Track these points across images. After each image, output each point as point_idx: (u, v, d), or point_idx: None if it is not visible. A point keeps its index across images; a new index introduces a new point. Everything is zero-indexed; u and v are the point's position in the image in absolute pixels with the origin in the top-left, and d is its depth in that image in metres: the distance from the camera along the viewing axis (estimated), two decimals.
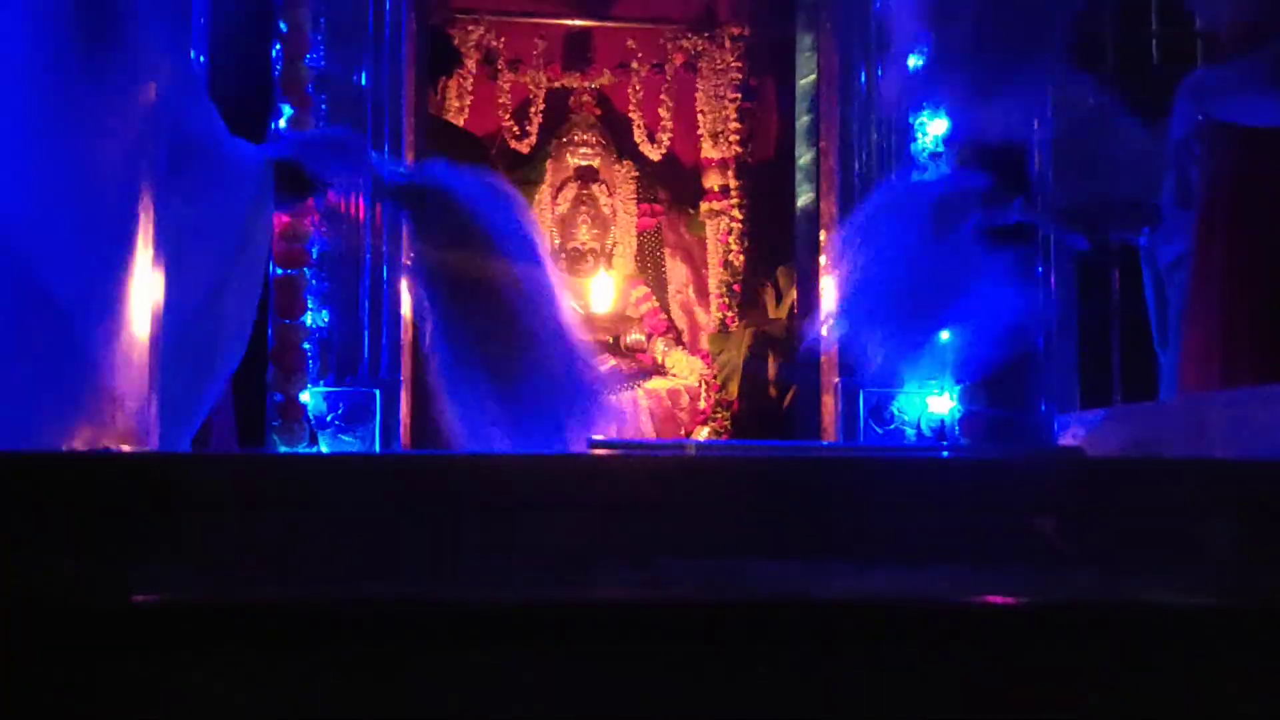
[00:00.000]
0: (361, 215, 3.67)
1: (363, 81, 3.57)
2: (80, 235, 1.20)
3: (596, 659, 0.87)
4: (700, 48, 5.64)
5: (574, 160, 5.69)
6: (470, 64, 5.48)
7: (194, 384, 2.06)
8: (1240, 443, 1.22)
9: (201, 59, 2.60)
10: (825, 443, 3.91)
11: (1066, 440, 1.65)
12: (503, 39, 5.52)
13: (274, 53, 3.42)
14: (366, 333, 3.66)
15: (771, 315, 5.20)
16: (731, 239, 5.57)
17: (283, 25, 3.42)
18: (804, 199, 4.35)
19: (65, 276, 1.15)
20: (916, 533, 0.90)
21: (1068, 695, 0.88)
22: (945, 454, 1.94)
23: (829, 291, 2.89)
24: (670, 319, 5.64)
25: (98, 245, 1.24)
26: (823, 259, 4.13)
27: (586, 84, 5.68)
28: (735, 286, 5.55)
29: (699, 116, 5.63)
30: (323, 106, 3.50)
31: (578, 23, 5.64)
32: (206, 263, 2.00)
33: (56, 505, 0.84)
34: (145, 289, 1.28)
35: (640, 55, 5.69)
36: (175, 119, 1.54)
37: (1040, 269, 3.73)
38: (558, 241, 5.60)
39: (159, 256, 1.34)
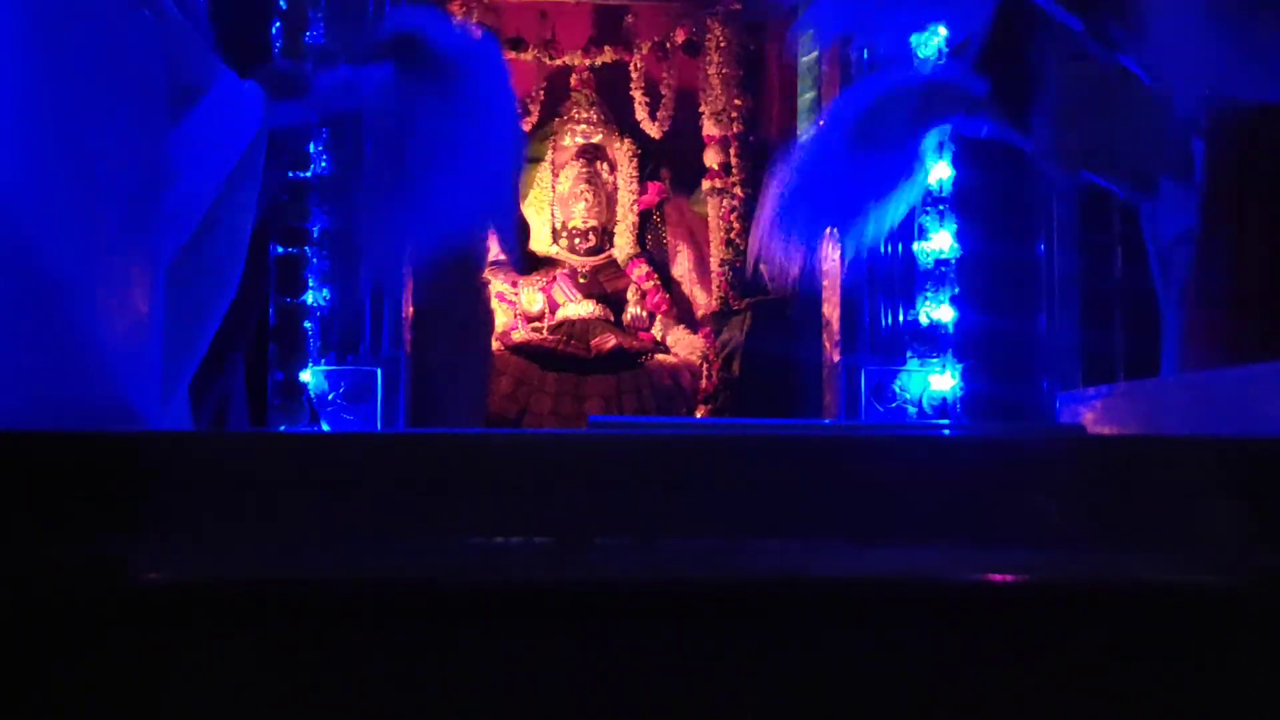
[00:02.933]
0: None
1: None
2: (76, 208, 1.20)
3: (596, 638, 0.87)
4: (702, 25, 5.60)
5: (575, 138, 5.67)
6: None
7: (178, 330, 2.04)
8: (1243, 420, 1.22)
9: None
10: (826, 421, 3.91)
11: (1068, 418, 1.65)
12: (503, 18, 5.49)
13: (273, 30, 3.41)
14: (368, 311, 3.65)
15: (772, 294, 5.19)
16: (733, 217, 5.56)
17: (282, 2, 3.41)
18: None
19: (61, 253, 1.14)
20: (917, 511, 0.90)
21: (1070, 673, 0.88)
22: (946, 432, 1.94)
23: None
24: (671, 297, 5.63)
25: (94, 219, 1.24)
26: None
27: (587, 62, 5.65)
28: (737, 264, 5.54)
29: (700, 94, 5.61)
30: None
31: (579, 0, 5.62)
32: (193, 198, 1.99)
33: (54, 485, 0.84)
34: (143, 265, 1.27)
35: (641, 33, 5.66)
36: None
37: (1042, 245, 3.72)
38: (560, 220, 5.58)
39: (157, 230, 1.34)
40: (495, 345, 4.96)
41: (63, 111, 1.19)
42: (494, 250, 4.72)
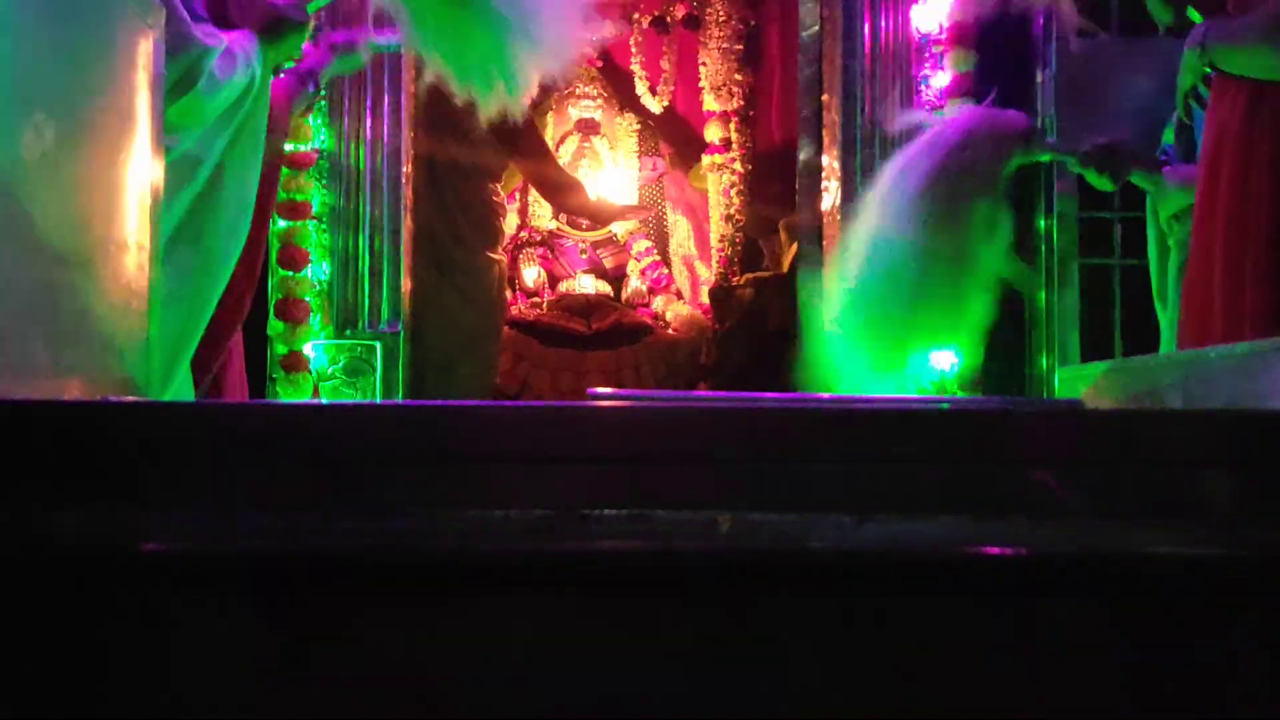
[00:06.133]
0: (362, 167, 3.66)
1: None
2: (72, 180, 1.20)
3: (594, 609, 0.87)
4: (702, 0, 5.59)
5: (575, 112, 5.65)
6: None
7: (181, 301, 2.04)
8: (1238, 395, 1.22)
9: None
10: (826, 395, 3.90)
11: (1066, 393, 1.65)
12: None
13: None
14: (368, 285, 3.65)
15: (773, 269, 5.18)
16: (733, 193, 5.55)
17: None
18: (806, 153, 4.33)
19: (57, 224, 1.14)
20: (916, 485, 0.90)
21: (1067, 644, 0.89)
22: (945, 406, 1.94)
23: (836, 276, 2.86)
24: (671, 272, 5.63)
25: (90, 192, 1.24)
26: (825, 204, 4.12)
27: (588, 36, 5.63)
28: (737, 240, 5.53)
29: (701, 69, 5.59)
30: None
31: None
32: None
33: (56, 454, 0.84)
34: (139, 235, 1.27)
35: (642, 7, 5.64)
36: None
37: (1043, 221, 3.72)
38: None
39: (154, 204, 1.34)
40: None
41: (60, 80, 1.19)
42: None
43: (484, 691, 0.86)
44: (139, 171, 1.35)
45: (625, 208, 5.48)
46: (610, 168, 5.66)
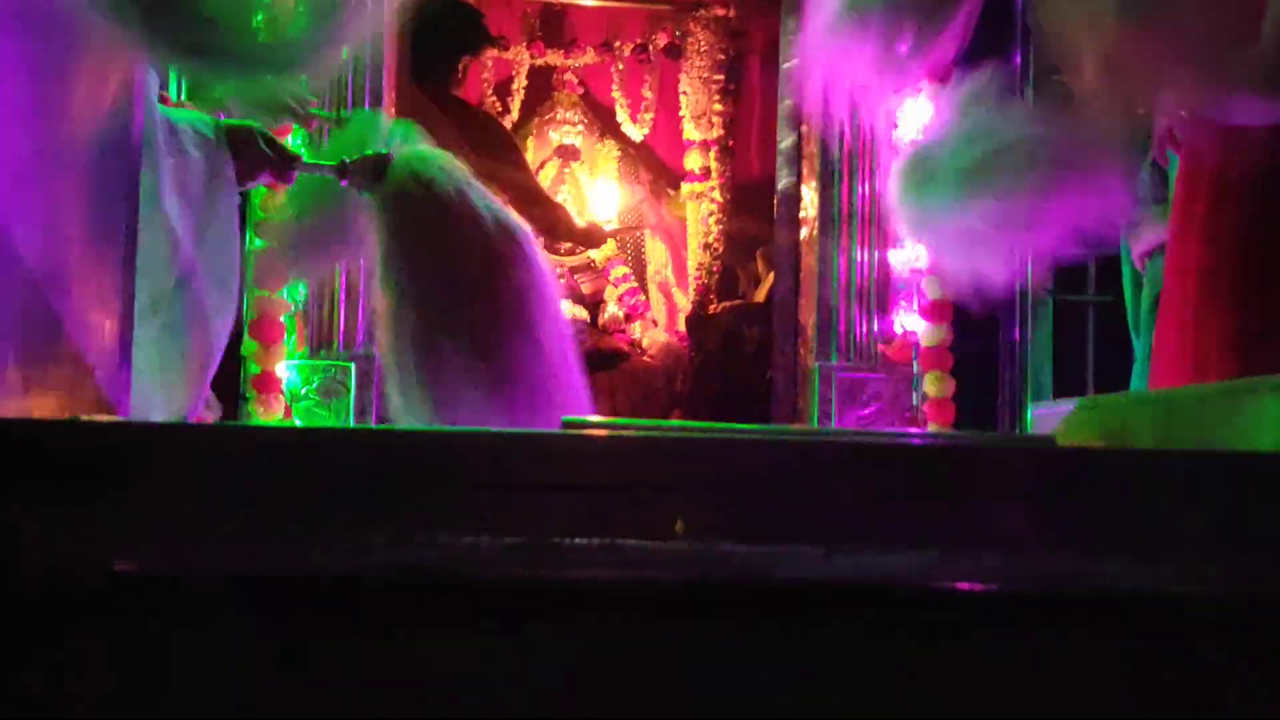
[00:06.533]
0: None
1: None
2: (51, 199, 1.19)
3: (564, 639, 0.87)
4: (684, 29, 5.61)
5: (556, 137, 5.67)
6: None
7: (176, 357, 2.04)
8: (1208, 434, 1.23)
9: None
10: (798, 427, 3.92)
11: (1039, 429, 1.66)
12: (488, 15, 5.48)
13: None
14: (343, 306, 3.65)
15: (750, 298, 5.20)
16: (712, 221, 5.57)
17: None
18: (784, 182, 4.36)
19: (34, 242, 1.14)
20: (887, 519, 0.90)
21: (1036, 680, 0.89)
22: (918, 441, 1.95)
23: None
24: (648, 299, 5.64)
25: (68, 210, 1.23)
26: (802, 233, 4.13)
27: (570, 62, 5.65)
28: (715, 268, 5.55)
29: (681, 98, 5.61)
30: None
31: (562, 0, 5.61)
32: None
33: (33, 472, 0.83)
34: (117, 255, 1.27)
35: (623, 35, 5.67)
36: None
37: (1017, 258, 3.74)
38: None
39: (133, 222, 1.33)
40: None
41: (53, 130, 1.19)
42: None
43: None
44: (117, 188, 1.35)
45: (619, 229, 5.50)
46: (590, 194, 5.68)
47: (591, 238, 5.26)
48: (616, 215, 5.71)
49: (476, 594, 0.86)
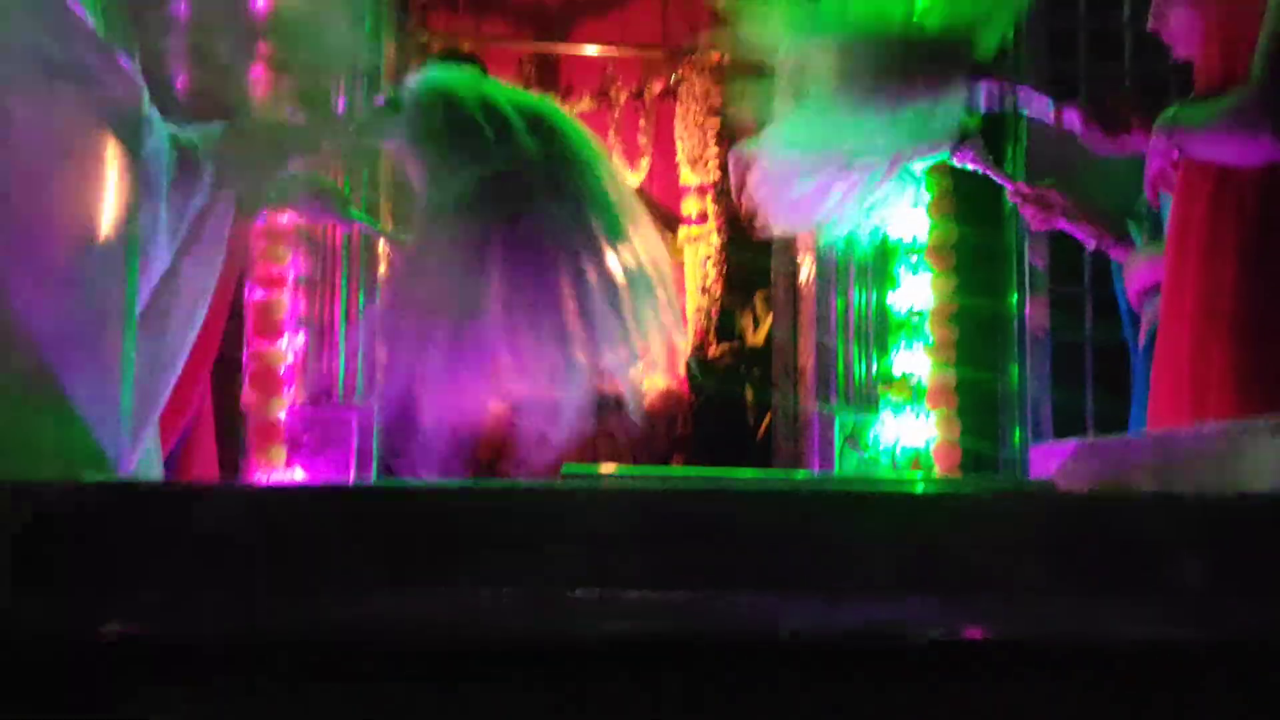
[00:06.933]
0: (338, 240, 3.67)
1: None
2: (51, 259, 1.20)
3: (566, 691, 0.87)
4: (679, 74, 5.66)
5: None
6: None
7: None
8: (1207, 477, 1.23)
9: None
10: (799, 472, 3.91)
11: (1039, 470, 1.66)
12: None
13: None
14: (342, 357, 3.65)
15: (749, 342, 5.21)
16: (709, 265, 5.59)
17: None
18: None
19: (37, 304, 1.14)
20: (889, 566, 0.90)
21: None
22: (919, 488, 1.95)
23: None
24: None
25: (69, 270, 1.24)
26: (801, 276, 4.14)
27: (566, 109, 5.69)
28: (713, 313, 5.56)
29: (677, 143, 5.65)
30: None
31: (557, 49, 5.66)
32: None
33: (16, 534, 0.83)
34: (117, 315, 1.27)
35: (619, 81, 5.71)
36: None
37: (1015, 296, 3.75)
38: None
39: (131, 280, 1.34)
40: None
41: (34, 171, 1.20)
42: None
43: None
44: (113, 244, 1.35)
45: None
46: None
47: None
48: None
49: (478, 647, 0.86)
